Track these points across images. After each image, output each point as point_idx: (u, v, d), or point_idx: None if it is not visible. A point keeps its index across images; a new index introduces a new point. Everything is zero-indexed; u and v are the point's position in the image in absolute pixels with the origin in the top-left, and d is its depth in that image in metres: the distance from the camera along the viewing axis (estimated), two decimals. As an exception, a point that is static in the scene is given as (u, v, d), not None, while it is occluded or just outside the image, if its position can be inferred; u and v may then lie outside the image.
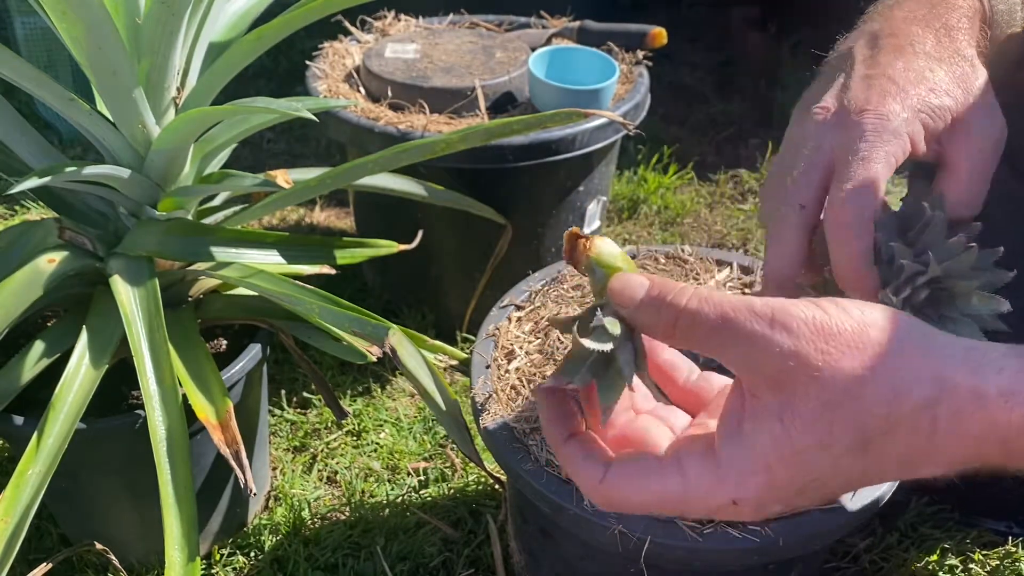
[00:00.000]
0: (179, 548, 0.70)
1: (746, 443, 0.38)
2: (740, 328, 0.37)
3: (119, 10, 0.71)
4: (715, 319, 0.37)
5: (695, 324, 0.38)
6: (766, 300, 0.37)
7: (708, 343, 0.38)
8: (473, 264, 1.18)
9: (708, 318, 0.38)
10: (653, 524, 0.63)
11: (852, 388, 0.36)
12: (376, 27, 1.39)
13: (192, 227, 0.86)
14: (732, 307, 0.37)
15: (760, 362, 0.37)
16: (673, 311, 0.38)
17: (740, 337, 0.37)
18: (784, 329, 0.36)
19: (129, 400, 0.87)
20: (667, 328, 0.39)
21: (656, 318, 0.39)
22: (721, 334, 0.37)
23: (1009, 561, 0.93)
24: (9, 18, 1.71)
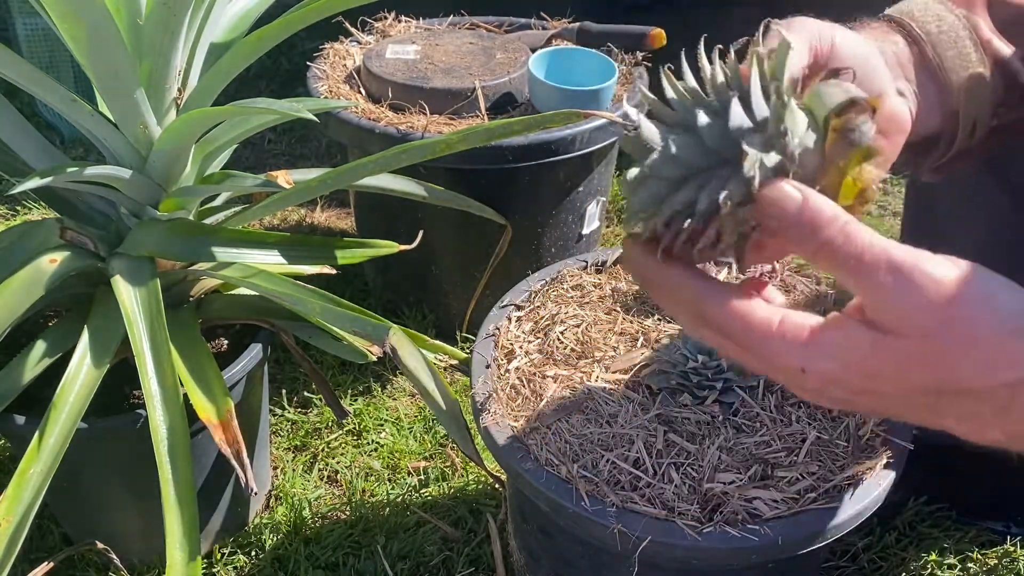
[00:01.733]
0: (180, 547, 0.70)
1: (842, 331, 0.40)
2: (872, 274, 0.38)
3: (120, 11, 0.71)
4: (853, 259, 0.39)
5: (834, 257, 0.39)
6: (908, 251, 0.39)
7: (840, 274, 0.40)
8: (473, 264, 1.18)
9: (847, 256, 0.39)
10: (652, 523, 0.64)
11: (951, 355, 0.38)
12: (376, 28, 1.39)
13: (193, 227, 0.86)
14: (871, 251, 0.39)
15: (882, 307, 0.39)
16: (818, 239, 0.40)
17: (870, 281, 0.39)
18: (911, 286, 0.38)
19: (130, 400, 0.87)
20: (811, 251, 0.40)
21: (802, 238, 0.40)
22: (854, 273, 0.39)
23: (1008, 560, 0.93)
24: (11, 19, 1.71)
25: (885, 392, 0.40)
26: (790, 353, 0.41)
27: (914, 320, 0.38)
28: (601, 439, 0.70)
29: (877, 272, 0.38)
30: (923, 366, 0.39)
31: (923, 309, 0.38)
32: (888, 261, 0.38)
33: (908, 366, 0.39)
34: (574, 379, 0.77)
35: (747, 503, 0.65)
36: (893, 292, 0.38)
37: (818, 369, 0.40)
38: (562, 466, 0.67)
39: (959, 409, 0.39)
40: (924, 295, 0.38)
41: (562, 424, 0.72)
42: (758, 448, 0.70)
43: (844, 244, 0.39)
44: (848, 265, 0.39)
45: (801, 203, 0.40)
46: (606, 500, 0.65)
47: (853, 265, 0.39)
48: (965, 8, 0.57)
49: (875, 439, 0.71)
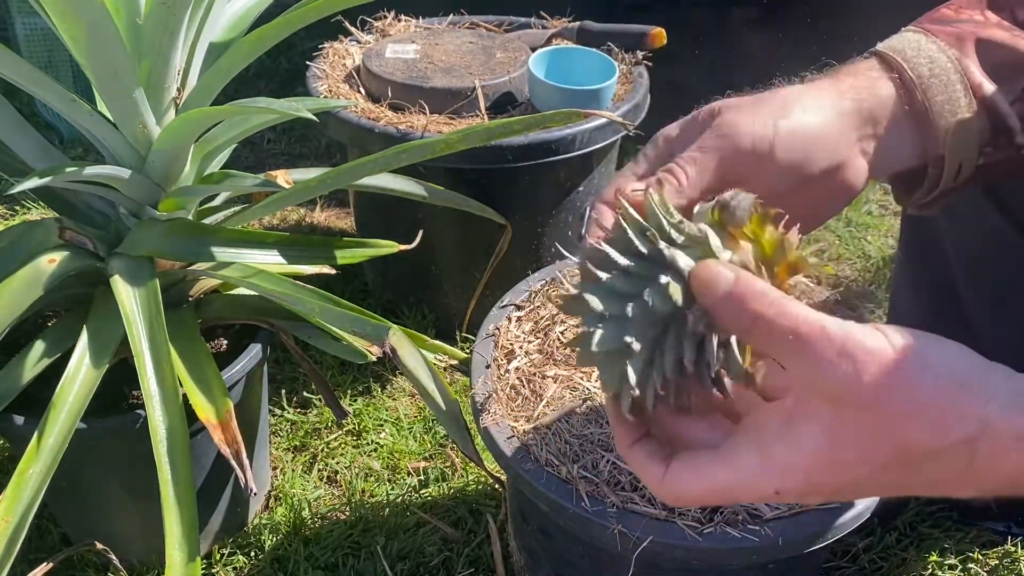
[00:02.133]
0: (179, 547, 0.70)
1: (793, 445, 0.41)
2: (809, 348, 0.39)
3: (119, 10, 0.71)
4: (788, 333, 0.39)
5: (770, 333, 0.40)
6: (840, 324, 0.39)
7: (777, 352, 0.40)
8: (473, 264, 1.18)
9: (782, 330, 0.39)
10: (652, 524, 0.63)
11: (900, 422, 0.38)
12: (376, 27, 1.39)
13: (193, 227, 0.86)
14: (807, 324, 0.39)
15: (820, 382, 0.39)
16: (751, 316, 0.40)
17: (808, 356, 0.39)
18: (851, 360, 0.38)
19: (130, 400, 0.87)
20: (744, 329, 0.41)
21: (735, 317, 0.40)
22: (791, 348, 0.39)
23: (1008, 561, 0.93)
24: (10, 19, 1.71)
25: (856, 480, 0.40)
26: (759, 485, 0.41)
27: (856, 393, 0.38)
28: (601, 439, 0.70)
29: (817, 343, 0.39)
30: (878, 439, 0.39)
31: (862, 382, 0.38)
32: (825, 334, 0.39)
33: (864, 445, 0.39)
34: (574, 379, 0.76)
35: (747, 503, 0.65)
36: (831, 366, 0.38)
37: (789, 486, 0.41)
38: (562, 466, 0.67)
39: (926, 477, 0.40)
40: (861, 368, 0.38)
41: (562, 424, 0.71)
42: (759, 448, 0.69)
43: (780, 319, 0.39)
44: (786, 339, 0.39)
45: (733, 279, 0.41)
46: (606, 500, 0.65)
47: (791, 340, 0.39)
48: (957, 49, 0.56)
49: (876, 439, 0.70)
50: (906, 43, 0.57)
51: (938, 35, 0.57)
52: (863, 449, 0.39)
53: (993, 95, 0.55)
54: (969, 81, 0.55)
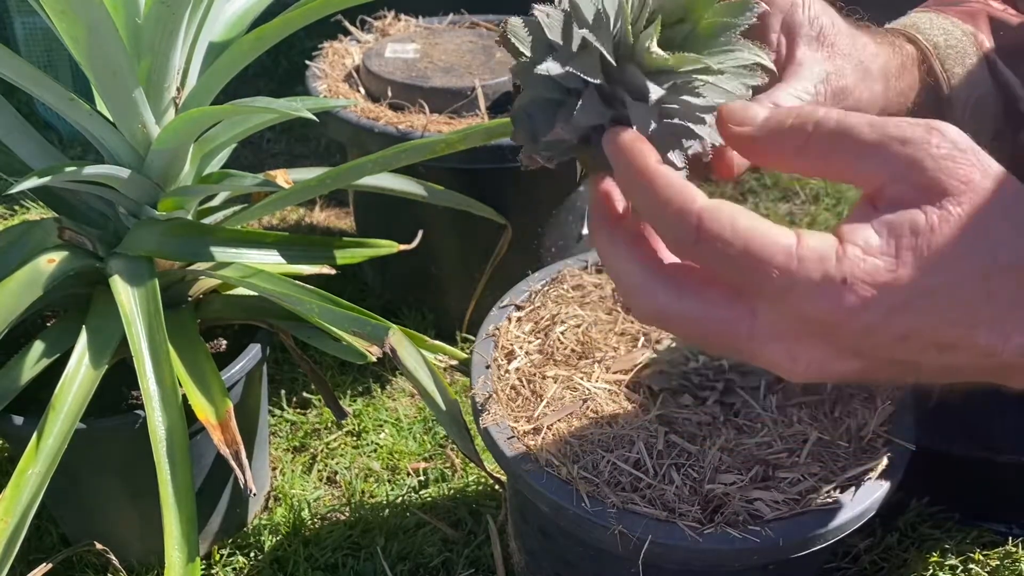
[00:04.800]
0: (179, 548, 0.70)
1: (880, 223, 0.34)
2: (896, 133, 0.34)
3: (119, 10, 0.71)
4: (866, 128, 0.35)
5: (839, 135, 0.35)
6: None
7: (852, 155, 0.35)
8: (473, 264, 1.18)
9: (857, 128, 0.35)
10: (653, 524, 0.63)
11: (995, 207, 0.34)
12: (376, 27, 1.39)
13: (192, 227, 0.86)
14: (879, 118, 0.35)
15: (917, 164, 0.34)
16: (810, 121, 0.35)
17: (896, 141, 0.34)
18: (942, 134, 0.34)
19: (129, 400, 0.87)
20: (799, 142, 0.35)
21: (787, 130, 0.36)
22: (872, 142, 0.34)
23: (1009, 561, 0.93)
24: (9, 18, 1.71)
25: (936, 289, 0.34)
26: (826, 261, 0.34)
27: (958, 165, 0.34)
28: (601, 440, 0.70)
29: (904, 131, 0.34)
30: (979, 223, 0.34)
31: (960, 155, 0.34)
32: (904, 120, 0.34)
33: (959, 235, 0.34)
34: (574, 380, 0.76)
35: (748, 504, 0.65)
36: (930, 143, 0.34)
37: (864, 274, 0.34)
38: (562, 467, 0.67)
39: (1000, 301, 0.34)
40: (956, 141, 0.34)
41: (562, 425, 0.71)
42: (759, 449, 0.69)
43: (848, 116, 0.35)
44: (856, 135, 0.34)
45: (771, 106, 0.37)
46: (607, 501, 0.65)
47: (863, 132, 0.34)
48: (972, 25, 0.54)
49: (877, 440, 0.70)
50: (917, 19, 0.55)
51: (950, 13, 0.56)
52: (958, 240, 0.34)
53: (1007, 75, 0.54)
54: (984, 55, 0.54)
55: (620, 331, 0.82)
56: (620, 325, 0.82)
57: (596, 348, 0.80)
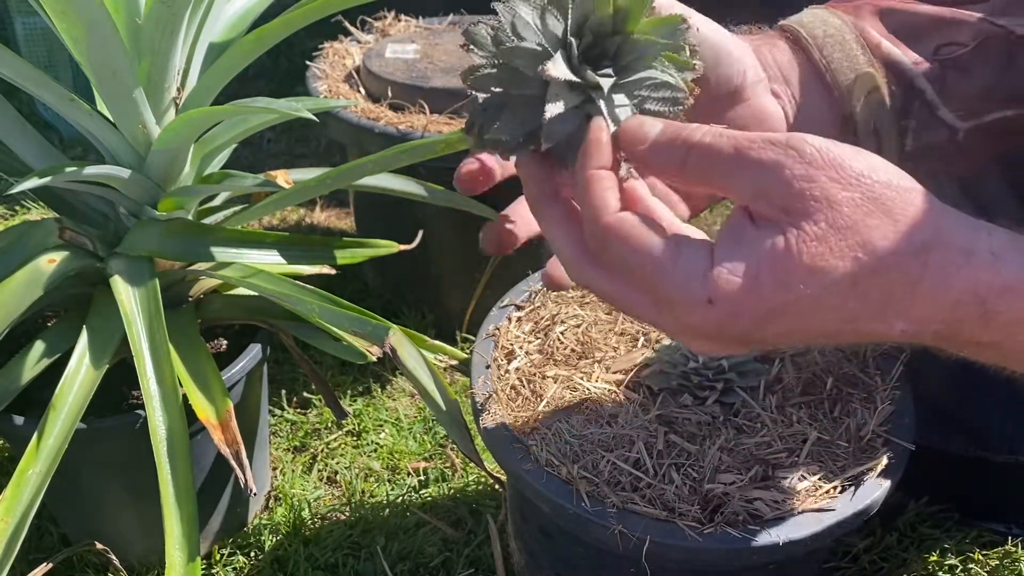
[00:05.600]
0: (179, 548, 0.70)
1: (744, 245, 0.38)
2: (754, 156, 0.37)
3: (119, 10, 0.71)
4: (729, 150, 0.38)
5: (709, 157, 0.38)
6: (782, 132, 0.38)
7: (720, 175, 0.39)
8: (473, 264, 1.18)
9: (722, 150, 0.38)
10: (652, 524, 0.63)
11: (858, 216, 0.37)
12: (376, 27, 1.39)
13: (192, 227, 0.86)
14: (747, 138, 0.38)
15: (772, 187, 0.37)
16: (685, 147, 0.39)
17: (754, 164, 0.37)
18: (798, 155, 0.37)
19: (129, 400, 0.87)
20: (679, 164, 0.39)
21: (670, 154, 0.39)
22: (735, 164, 0.38)
23: (1009, 561, 0.93)
24: (9, 18, 1.71)
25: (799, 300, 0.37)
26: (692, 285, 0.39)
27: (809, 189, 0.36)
28: (601, 440, 0.70)
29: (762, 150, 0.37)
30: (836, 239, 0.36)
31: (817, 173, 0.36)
32: (767, 140, 0.37)
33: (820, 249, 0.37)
34: (574, 379, 0.76)
35: (748, 504, 0.65)
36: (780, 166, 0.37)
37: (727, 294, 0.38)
38: (562, 467, 0.67)
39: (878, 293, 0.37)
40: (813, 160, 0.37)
41: (562, 425, 0.71)
42: (759, 449, 0.69)
43: (718, 140, 0.38)
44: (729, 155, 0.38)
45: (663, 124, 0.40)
46: (606, 501, 0.65)
47: (733, 154, 0.38)
48: (853, 16, 0.57)
49: (876, 440, 0.71)
50: (804, 15, 0.59)
51: (837, 8, 0.58)
52: (819, 252, 0.37)
53: (894, 54, 0.55)
54: (866, 40, 0.56)
55: (620, 331, 0.82)
56: (620, 325, 0.83)
57: (596, 348, 0.80)
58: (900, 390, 0.74)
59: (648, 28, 0.42)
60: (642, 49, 0.42)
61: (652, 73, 0.43)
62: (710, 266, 0.38)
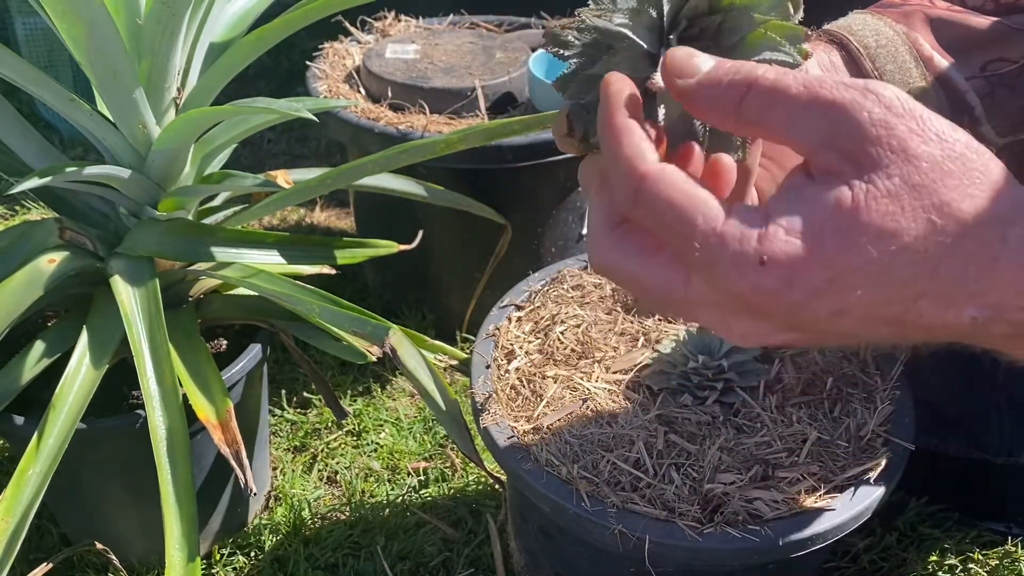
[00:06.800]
0: (179, 548, 0.70)
1: (805, 201, 0.34)
2: (827, 95, 0.33)
3: (120, 10, 0.71)
4: (799, 88, 0.34)
5: (773, 95, 0.34)
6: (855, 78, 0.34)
7: (784, 118, 0.34)
8: (473, 264, 1.18)
9: (789, 88, 0.34)
10: (652, 524, 0.63)
11: (937, 176, 0.33)
12: (376, 28, 1.39)
13: (192, 227, 0.86)
14: (818, 78, 0.34)
15: (845, 131, 0.33)
16: (745, 83, 0.34)
17: (826, 104, 0.33)
18: (877, 98, 0.33)
19: (130, 400, 0.87)
20: (734, 103, 0.35)
21: (723, 91, 0.35)
22: (804, 103, 0.34)
23: (1008, 561, 0.93)
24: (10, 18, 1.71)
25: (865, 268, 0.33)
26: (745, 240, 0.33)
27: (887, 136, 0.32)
28: (601, 439, 0.70)
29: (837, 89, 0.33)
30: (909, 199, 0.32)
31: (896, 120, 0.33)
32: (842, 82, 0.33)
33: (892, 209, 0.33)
34: (574, 379, 0.76)
35: (748, 504, 0.65)
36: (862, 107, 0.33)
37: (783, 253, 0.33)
38: (562, 467, 0.67)
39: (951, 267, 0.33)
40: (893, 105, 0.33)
41: (562, 424, 0.71)
42: (759, 448, 0.69)
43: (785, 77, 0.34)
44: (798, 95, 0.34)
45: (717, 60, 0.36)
46: (606, 501, 0.65)
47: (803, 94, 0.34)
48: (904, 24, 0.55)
49: (876, 440, 0.71)
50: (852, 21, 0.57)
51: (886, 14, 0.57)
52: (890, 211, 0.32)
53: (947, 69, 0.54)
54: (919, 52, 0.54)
55: (620, 331, 0.82)
56: (620, 325, 0.83)
57: (596, 348, 0.80)
58: (900, 390, 0.74)
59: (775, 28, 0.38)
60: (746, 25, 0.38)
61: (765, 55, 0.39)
62: (765, 222, 0.33)
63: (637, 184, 0.35)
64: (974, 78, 0.54)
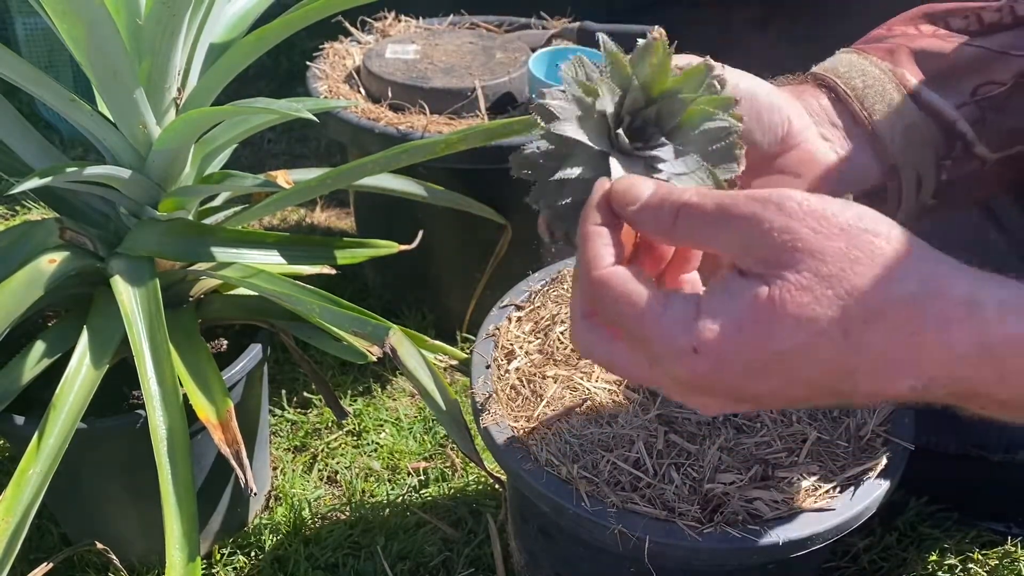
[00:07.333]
0: (180, 548, 0.70)
1: (729, 296, 0.38)
2: (736, 211, 0.38)
3: (120, 10, 0.71)
4: (713, 208, 0.38)
5: (694, 216, 0.39)
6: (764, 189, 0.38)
7: (706, 233, 0.39)
8: (473, 264, 1.18)
9: (706, 208, 0.39)
10: (652, 524, 0.63)
11: (844, 265, 0.36)
12: (376, 28, 1.39)
13: (193, 227, 0.86)
14: (729, 195, 0.39)
15: (754, 240, 0.37)
16: (674, 207, 0.39)
17: (736, 219, 0.38)
18: (778, 208, 0.37)
19: (130, 400, 0.87)
20: (668, 226, 0.40)
21: (658, 217, 0.40)
22: (719, 220, 0.38)
23: (1008, 561, 0.93)
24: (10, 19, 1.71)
25: (789, 349, 0.36)
26: (677, 335, 0.38)
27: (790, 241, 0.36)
28: (601, 439, 0.70)
29: (743, 205, 0.37)
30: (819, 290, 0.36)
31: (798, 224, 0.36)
32: (749, 196, 0.38)
33: (803, 300, 0.36)
34: (574, 379, 0.76)
35: (747, 503, 0.65)
36: (760, 220, 0.37)
37: (710, 343, 0.37)
38: (562, 467, 0.67)
39: (874, 346, 0.36)
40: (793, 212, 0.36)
41: (562, 424, 0.71)
42: (759, 448, 0.69)
43: (703, 199, 0.39)
44: (713, 213, 0.38)
45: (654, 186, 0.41)
46: (606, 501, 0.65)
47: (716, 211, 0.38)
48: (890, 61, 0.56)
49: (876, 439, 0.71)
50: (838, 62, 0.58)
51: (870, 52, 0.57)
52: (804, 302, 0.36)
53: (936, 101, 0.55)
54: (907, 88, 0.55)
55: (620, 331, 0.82)
56: (620, 325, 0.83)
57: (596, 348, 0.80)
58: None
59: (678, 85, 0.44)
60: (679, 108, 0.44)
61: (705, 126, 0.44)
62: (696, 316, 0.38)
63: (593, 287, 0.41)
64: (964, 105, 0.55)
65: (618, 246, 0.41)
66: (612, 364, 0.43)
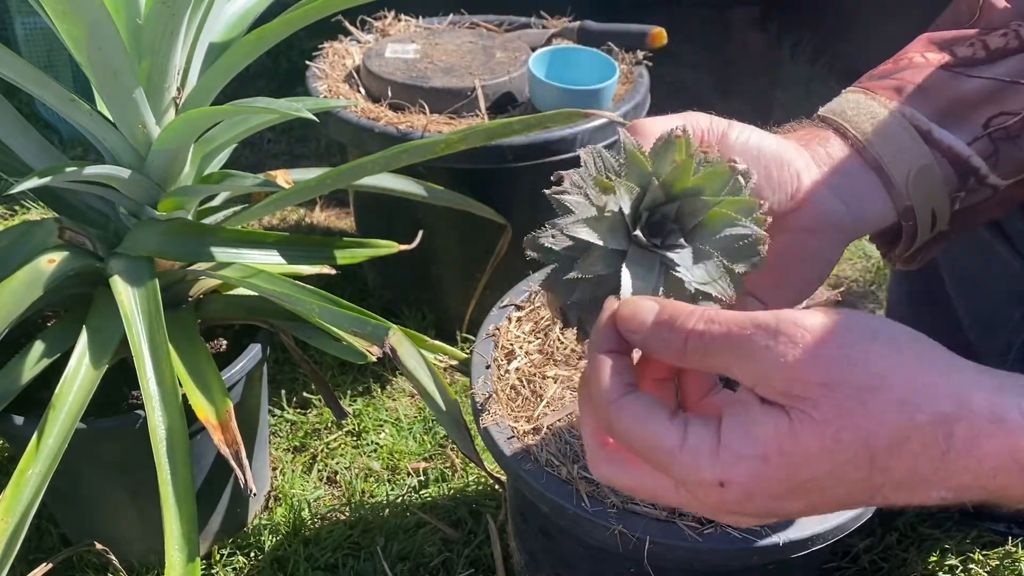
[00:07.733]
0: (179, 548, 0.70)
1: (750, 428, 0.38)
2: (745, 344, 0.37)
3: (119, 10, 0.71)
4: (721, 338, 0.38)
5: (703, 345, 0.38)
6: (772, 312, 0.38)
7: (717, 361, 0.39)
8: (473, 264, 1.18)
9: (714, 338, 0.38)
10: (653, 524, 0.63)
11: (863, 395, 0.36)
12: (376, 27, 1.39)
13: (192, 227, 0.86)
14: (737, 323, 0.38)
15: (771, 372, 0.37)
16: (682, 334, 0.39)
17: (745, 352, 0.37)
18: (789, 340, 0.36)
19: (129, 400, 0.87)
20: (678, 352, 0.39)
21: (667, 342, 0.39)
22: (728, 351, 0.38)
23: (1009, 561, 0.93)
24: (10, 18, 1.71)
25: (816, 477, 0.37)
26: (701, 467, 0.38)
27: (805, 375, 0.36)
28: (601, 440, 0.70)
29: (752, 337, 0.37)
30: (841, 422, 0.36)
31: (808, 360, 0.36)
32: (756, 324, 0.37)
33: (826, 433, 0.36)
34: (574, 379, 0.76)
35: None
36: (773, 353, 0.36)
37: (737, 476, 0.37)
38: (562, 467, 0.67)
39: (896, 473, 0.36)
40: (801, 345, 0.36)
41: (562, 424, 0.71)
42: (759, 449, 0.69)
43: (710, 327, 0.38)
44: (722, 344, 0.38)
45: (659, 308, 0.40)
46: (606, 501, 0.65)
47: (725, 342, 0.38)
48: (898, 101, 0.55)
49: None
50: (846, 104, 0.57)
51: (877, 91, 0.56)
52: (827, 434, 0.36)
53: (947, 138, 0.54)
54: (916, 128, 0.54)
55: (620, 331, 0.82)
56: (620, 325, 0.82)
57: (596, 348, 0.80)
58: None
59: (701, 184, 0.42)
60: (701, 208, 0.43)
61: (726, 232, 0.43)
62: (717, 445, 0.38)
63: (608, 416, 0.40)
64: (977, 139, 0.54)
65: (628, 371, 0.41)
66: (637, 490, 0.42)
